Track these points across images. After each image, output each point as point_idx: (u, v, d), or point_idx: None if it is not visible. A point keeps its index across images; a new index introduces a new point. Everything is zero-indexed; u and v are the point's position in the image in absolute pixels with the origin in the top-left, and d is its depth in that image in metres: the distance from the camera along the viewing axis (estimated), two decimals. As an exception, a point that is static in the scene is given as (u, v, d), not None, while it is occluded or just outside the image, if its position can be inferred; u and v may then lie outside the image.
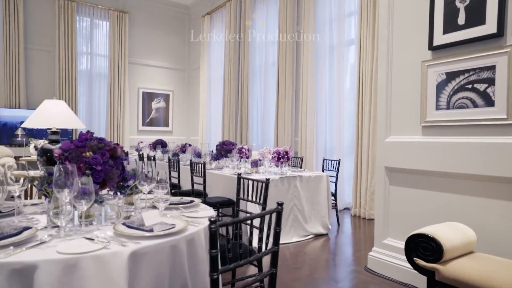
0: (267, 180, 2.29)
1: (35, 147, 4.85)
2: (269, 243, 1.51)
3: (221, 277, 1.50)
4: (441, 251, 1.85)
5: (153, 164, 1.67)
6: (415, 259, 1.96)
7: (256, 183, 2.45)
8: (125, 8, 8.26)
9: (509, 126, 2.11)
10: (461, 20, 2.31)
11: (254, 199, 2.38)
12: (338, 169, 4.48)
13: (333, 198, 4.33)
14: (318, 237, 3.86)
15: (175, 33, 9.12)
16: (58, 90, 7.31)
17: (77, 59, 7.57)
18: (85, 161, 1.50)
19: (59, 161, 1.53)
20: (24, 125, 2.72)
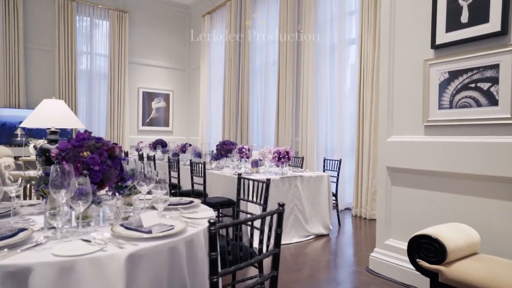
0: (268, 180, 2.26)
1: (35, 147, 4.83)
2: (270, 245, 1.48)
3: (221, 279, 1.47)
4: (445, 253, 1.83)
5: (152, 164, 1.64)
6: (417, 260, 1.94)
7: (256, 183, 2.43)
8: (125, 7, 8.24)
9: (513, 125, 2.08)
10: (464, 18, 2.28)
11: (254, 200, 2.35)
12: (339, 169, 4.46)
13: (334, 198, 4.31)
14: (319, 237, 3.84)
15: (175, 33, 9.10)
16: (58, 90, 7.30)
17: (77, 59, 7.55)
18: (83, 161, 1.47)
19: (56, 161, 1.50)
20: (22, 125, 2.69)
